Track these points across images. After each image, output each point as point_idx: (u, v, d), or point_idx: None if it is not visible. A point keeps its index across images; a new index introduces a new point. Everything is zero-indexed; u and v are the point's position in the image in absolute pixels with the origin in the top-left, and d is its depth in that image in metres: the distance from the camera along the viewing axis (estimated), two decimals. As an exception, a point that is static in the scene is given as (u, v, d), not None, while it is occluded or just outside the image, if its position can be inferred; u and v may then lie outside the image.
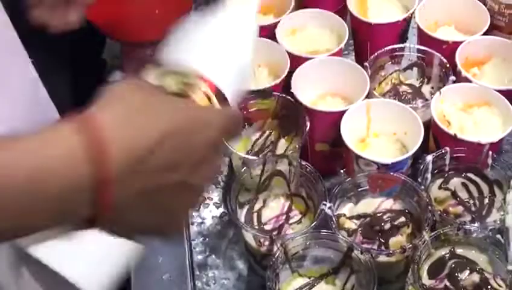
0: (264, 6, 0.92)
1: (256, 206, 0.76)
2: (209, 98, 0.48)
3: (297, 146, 0.78)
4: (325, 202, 0.70)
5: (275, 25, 0.88)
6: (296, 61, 0.84)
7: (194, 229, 0.82)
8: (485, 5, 0.89)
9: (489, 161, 0.74)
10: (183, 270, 0.76)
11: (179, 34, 0.52)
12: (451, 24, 0.90)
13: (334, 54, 0.85)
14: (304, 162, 0.75)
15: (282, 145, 0.81)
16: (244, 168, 0.75)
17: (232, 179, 0.76)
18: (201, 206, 0.84)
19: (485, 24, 0.86)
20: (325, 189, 0.73)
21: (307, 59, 0.84)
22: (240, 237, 0.77)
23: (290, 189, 0.77)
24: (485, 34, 0.86)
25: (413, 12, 0.88)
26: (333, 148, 0.82)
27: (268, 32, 0.87)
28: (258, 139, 0.82)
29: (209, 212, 0.84)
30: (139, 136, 0.40)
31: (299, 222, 0.75)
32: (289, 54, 0.84)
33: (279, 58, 0.84)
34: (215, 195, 0.86)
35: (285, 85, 0.82)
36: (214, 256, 0.80)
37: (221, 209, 0.84)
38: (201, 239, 0.81)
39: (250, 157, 0.77)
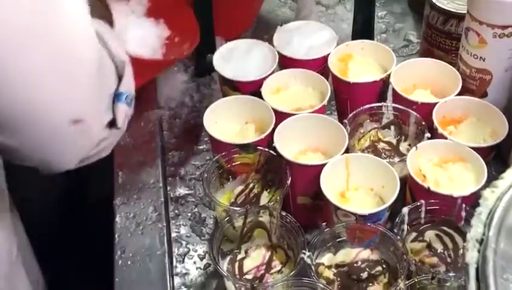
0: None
1: (238, 257, 0.78)
2: None
3: (278, 198, 0.80)
4: (304, 251, 0.72)
5: (260, 84, 0.92)
6: (281, 117, 0.87)
7: (177, 280, 0.84)
8: (458, 69, 0.93)
9: (463, 214, 0.77)
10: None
11: None
12: (428, 88, 0.95)
13: (316, 111, 0.88)
14: (284, 213, 0.78)
15: (264, 198, 0.84)
16: (227, 218, 0.78)
17: (215, 231, 0.78)
18: (186, 258, 0.86)
19: (458, 87, 0.90)
20: (305, 239, 0.75)
21: (291, 115, 0.87)
22: (223, 287, 0.79)
23: (271, 240, 0.80)
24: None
25: (390, 74, 0.92)
26: (314, 201, 0.85)
27: (254, 90, 0.92)
28: (241, 192, 0.84)
29: (193, 264, 0.86)
30: None
31: (279, 271, 0.77)
32: (274, 111, 0.88)
33: (265, 115, 0.88)
34: (200, 247, 0.88)
35: (270, 140, 0.85)
36: (196, 306, 0.81)
37: (205, 261, 0.86)
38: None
39: (232, 208, 0.80)
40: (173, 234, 0.89)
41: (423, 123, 0.86)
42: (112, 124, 0.64)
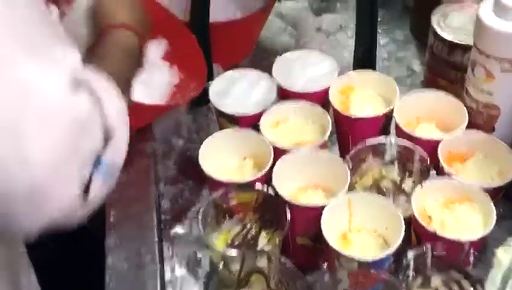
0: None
1: (235, 303, 0.75)
2: None
3: (277, 242, 0.77)
4: (304, 299, 0.69)
5: (259, 117, 0.88)
6: (280, 153, 0.84)
7: (172, 324, 0.81)
8: (464, 103, 0.90)
9: (471, 259, 0.73)
10: None
11: None
12: (433, 121, 0.91)
13: (319, 146, 0.85)
14: (283, 259, 0.74)
15: (262, 239, 0.80)
16: (223, 263, 0.74)
17: (211, 274, 0.75)
18: (182, 301, 0.83)
19: (464, 122, 0.87)
20: (307, 285, 0.72)
21: (289, 151, 0.84)
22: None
23: (270, 286, 0.76)
24: (464, 132, 0.87)
25: (393, 108, 0.89)
26: (315, 243, 0.81)
27: (253, 123, 0.88)
28: (238, 233, 0.81)
29: (188, 308, 0.82)
30: None
31: (278, 319, 0.73)
32: (273, 146, 0.85)
33: (263, 151, 0.85)
34: None
35: (270, 177, 0.82)
36: None
37: (201, 305, 0.83)
38: (179, 335, 0.79)
39: (229, 253, 0.76)
40: (167, 277, 0.85)
41: (428, 161, 0.83)
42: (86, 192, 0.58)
